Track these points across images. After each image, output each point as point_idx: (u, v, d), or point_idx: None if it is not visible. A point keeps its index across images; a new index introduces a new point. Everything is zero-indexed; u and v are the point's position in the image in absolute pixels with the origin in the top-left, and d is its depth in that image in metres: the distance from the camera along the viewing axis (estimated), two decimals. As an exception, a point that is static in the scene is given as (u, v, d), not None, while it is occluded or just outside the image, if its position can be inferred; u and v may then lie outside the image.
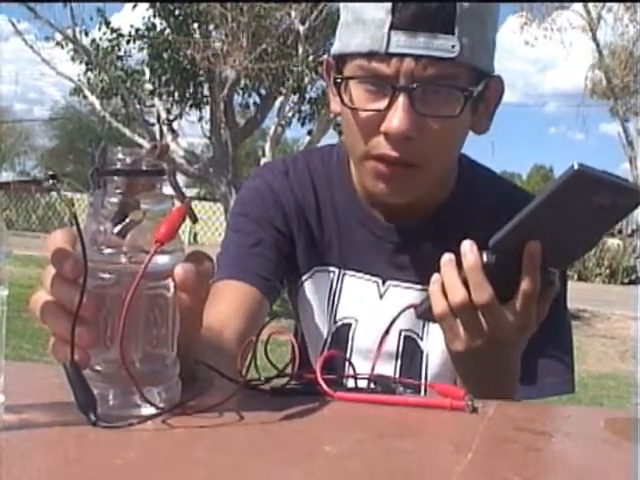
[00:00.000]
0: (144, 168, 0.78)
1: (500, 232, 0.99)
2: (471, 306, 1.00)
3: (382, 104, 1.13)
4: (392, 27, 1.09)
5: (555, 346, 1.30)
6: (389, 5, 1.09)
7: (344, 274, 1.32)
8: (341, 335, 1.33)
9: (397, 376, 1.28)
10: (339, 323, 1.32)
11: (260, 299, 1.23)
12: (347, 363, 1.12)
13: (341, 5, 1.20)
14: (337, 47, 1.20)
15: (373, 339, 1.25)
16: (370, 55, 1.12)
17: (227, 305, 1.18)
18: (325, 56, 1.28)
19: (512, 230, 0.98)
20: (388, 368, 1.29)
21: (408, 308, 1.19)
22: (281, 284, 1.33)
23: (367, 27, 1.11)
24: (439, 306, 1.02)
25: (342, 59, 1.18)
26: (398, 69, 1.10)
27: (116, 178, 0.77)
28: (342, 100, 1.16)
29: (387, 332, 1.22)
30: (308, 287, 1.34)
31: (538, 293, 1.00)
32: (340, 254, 1.32)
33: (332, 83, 1.22)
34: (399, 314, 1.22)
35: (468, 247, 1.00)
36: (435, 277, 1.03)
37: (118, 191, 0.77)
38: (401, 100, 1.11)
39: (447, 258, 1.02)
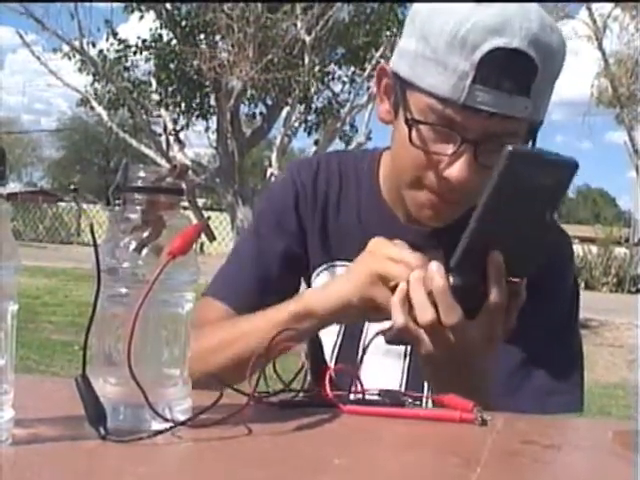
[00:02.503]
0: (164, 187, 0.80)
1: (457, 250, 0.99)
2: (440, 326, 1.01)
3: (448, 149, 1.15)
4: (475, 81, 1.10)
5: (564, 363, 1.29)
6: (476, 60, 1.09)
7: None
8: (354, 329, 1.35)
9: (405, 375, 1.31)
10: None
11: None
12: (360, 372, 1.12)
13: (415, 28, 1.18)
14: (405, 71, 1.18)
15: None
16: (446, 101, 1.12)
17: (203, 323, 1.21)
18: (385, 62, 1.28)
19: (468, 245, 0.98)
20: (397, 367, 1.31)
21: (377, 335, 1.21)
22: (293, 291, 1.36)
23: (448, 73, 1.11)
24: (399, 318, 1.03)
25: (409, 85, 1.18)
26: (470, 121, 1.12)
27: (136, 195, 0.79)
28: (410, 138, 1.17)
29: (364, 352, 1.23)
30: (322, 280, 1.36)
31: (505, 306, 1.00)
32: (359, 250, 1.34)
33: (386, 90, 1.25)
34: (369, 342, 1.23)
35: (435, 270, 1.01)
36: (400, 288, 1.04)
37: (138, 208, 0.78)
38: (467, 152, 1.14)
39: (415, 276, 1.03)
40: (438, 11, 1.14)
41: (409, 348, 1.31)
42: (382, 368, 1.27)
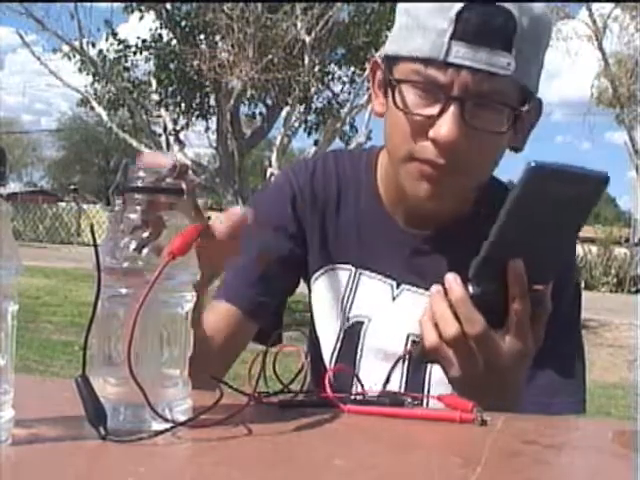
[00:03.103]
0: (164, 187, 0.80)
1: (477, 259, 0.98)
2: (464, 338, 1.00)
3: (433, 110, 1.14)
4: (453, 37, 1.10)
5: (568, 364, 1.29)
6: (452, 15, 1.10)
7: (360, 273, 1.34)
8: (352, 333, 1.34)
9: (403, 379, 1.30)
10: (351, 321, 1.34)
11: (242, 320, 1.29)
12: (359, 373, 1.12)
13: (399, 8, 1.21)
14: (391, 49, 1.20)
15: (383, 339, 1.30)
16: (427, 61, 1.13)
17: (210, 325, 1.21)
18: (376, 57, 1.29)
19: (488, 253, 0.97)
20: (396, 370, 1.30)
21: (404, 355, 1.24)
22: (291, 291, 1.38)
23: (427, 33, 1.12)
24: (430, 337, 1.03)
25: (394, 60, 1.19)
26: (453, 79, 1.12)
27: (136, 195, 0.79)
28: (394, 101, 1.17)
29: (387, 381, 1.23)
30: (322, 283, 1.36)
31: (530, 313, 1.00)
32: (358, 254, 1.34)
33: (380, 83, 1.25)
34: (396, 361, 1.25)
35: (452, 280, 1.01)
36: (425, 307, 1.04)
37: (138, 208, 0.78)
38: (452, 110, 1.12)
39: (435, 290, 1.03)
40: None
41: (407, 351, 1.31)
42: (381, 371, 1.27)
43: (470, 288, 0.99)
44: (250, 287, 1.31)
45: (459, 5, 1.10)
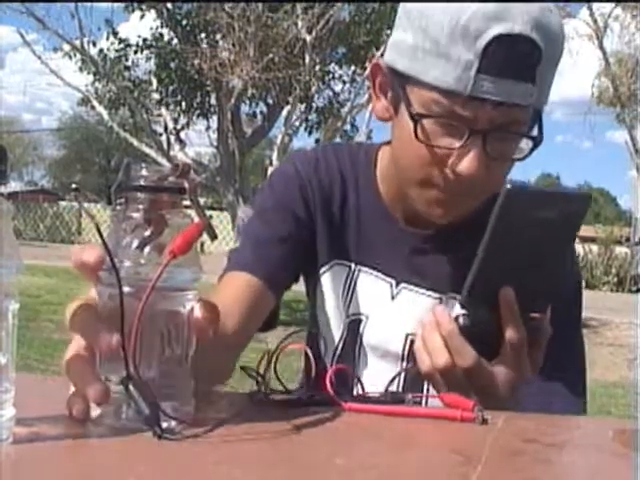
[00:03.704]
0: (166, 186, 0.80)
1: (465, 285, 0.97)
2: (455, 369, 1.01)
3: (455, 142, 1.12)
4: (480, 71, 1.07)
5: (569, 364, 1.29)
6: (480, 48, 1.07)
7: (359, 270, 1.34)
8: (352, 329, 1.34)
9: (402, 377, 1.29)
10: (351, 318, 1.34)
11: (263, 290, 1.25)
12: (360, 372, 1.13)
13: (412, 21, 1.15)
14: (403, 65, 1.15)
15: (381, 337, 1.30)
16: (450, 93, 1.10)
17: (229, 295, 1.20)
18: (378, 58, 1.25)
19: (474, 282, 0.97)
20: (395, 370, 1.30)
21: (401, 372, 1.24)
22: (295, 278, 1.35)
23: (451, 65, 1.09)
24: (424, 364, 1.04)
25: (408, 80, 1.15)
26: (477, 112, 1.10)
27: (139, 194, 0.79)
28: (415, 133, 1.13)
29: (390, 383, 1.24)
30: (327, 279, 1.35)
31: (525, 341, 1.00)
32: (357, 251, 1.34)
33: (381, 87, 1.23)
34: (396, 375, 1.24)
35: (441, 313, 1.01)
36: (418, 335, 1.05)
37: (140, 207, 0.78)
38: (476, 143, 1.11)
39: (427, 319, 1.03)
40: (433, 3, 1.12)
41: (406, 352, 1.31)
42: (380, 371, 1.27)
43: (460, 320, 0.99)
44: (270, 260, 1.27)
45: (486, 38, 1.06)
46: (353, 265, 1.34)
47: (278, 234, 1.30)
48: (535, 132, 1.17)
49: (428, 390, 1.28)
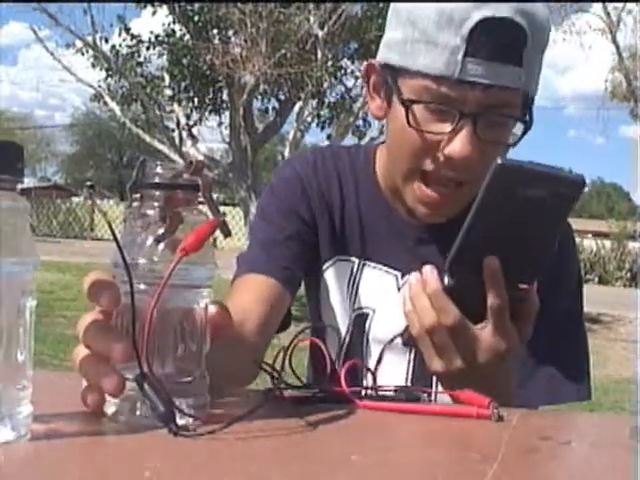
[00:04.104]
0: (181, 183, 0.80)
1: (451, 251, 0.98)
2: (440, 328, 1.00)
3: (446, 127, 1.15)
4: (467, 54, 1.10)
5: (573, 352, 1.30)
6: (465, 32, 1.10)
7: (364, 265, 1.35)
8: (358, 324, 1.36)
9: (410, 368, 1.32)
10: (357, 312, 1.35)
11: (280, 290, 1.26)
12: (367, 371, 1.13)
13: (400, 16, 1.20)
14: (394, 59, 1.19)
15: (389, 330, 1.30)
16: (440, 79, 1.13)
17: (247, 297, 1.22)
18: (370, 60, 1.29)
19: (461, 247, 0.97)
20: (402, 359, 1.32)
21: (393, 339, 1.24)
22: (305, 276, 1.37)
23: (439, 51, 1.12)
24: (415, 327, 1.03)
25: (399, 72, 1.18)
26: (466, 96, 1.12)
27: (154, 191, 0.79)
28: (407, 120, 1.16)
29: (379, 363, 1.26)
30: (329, 275, 1.37)
31: (508, 309, 1.00)
32: (361, 246, 1.35)
33: (375, 86, 1.26)
34: (388, 343, 1.25)
35: (429, 272, 1.02)
36: (406, 296, 1.05)
37: (156, 204, 0.78)
38: (466, 126, 1.13)
39: (414, 280, 1.04)
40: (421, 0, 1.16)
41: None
42: (388, 364, 1.27)
43: (445, 279, 0.99)
44: (282, 260, 1.29)
45: (471, 22, 1.10)
46: (357, 260, 1.35)
47: (285, 234, 1.32)
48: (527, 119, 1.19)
49: (437, 385, 1.29)
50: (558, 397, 1.27)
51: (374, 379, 1.06)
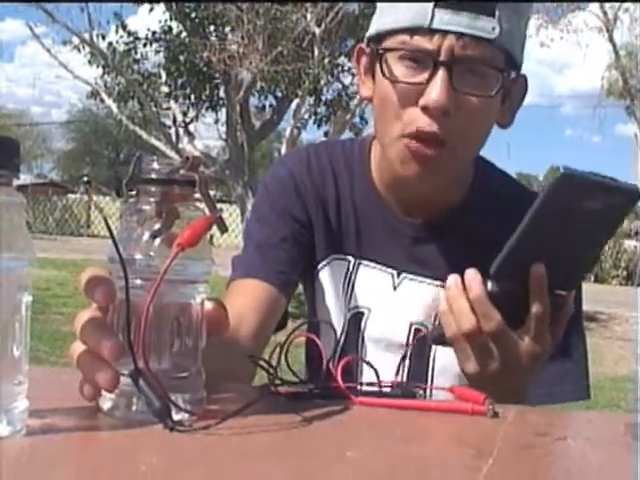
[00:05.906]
0: (178, 179, 0.80)
1: (499, 257, 0.98)
2: (480, 333, 1.01)
3: (422, 78, 1.15)
4: (436, 4, 1.12)
5: (570, 352, 1.30)
6: None
7: (359, 263, 1.35)
8: (354, 323, 1.35)
9: (406, 367, 1.32)
10: (352, 311, 1.35)
11: (275, 295, 1.26)
12: (364, 364, 1.13)
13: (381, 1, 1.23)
14: (374, 28, 1.22)
15: (384, 329, 1.31)
16: (413, 31, 1.14)
17: (243, 302, 1.21)
18: (360, 44, 1.30)
19: (510, 252, 0.97)
20: (397, 359, 1.32)
21: (422, 336, 1.25)
22: (300, 276, 1.36)
23: (410, 4, 1.14)
24: (451, 329, 1.03)
25: (379, 38, 1.20)
26: (440, 45, 1.13)
27: (150, 187, 0.79)
28: (382, 71, 1.18)
29: (397, 373, 1.26)
30: (325, 274, 1.36)
31: (548, 315, 1.00)
32: (357, 244, 1.35)
33: (366, 69, 1.27)
34: (404, 356, 1.28)
35: (472, 276, 1.01)
36: (443, 297, 1.04)
37: (152, 199, 0.78)
38: (441, 75, 1.13)
39: (452, 282, 1.03)
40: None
41: (410, 340, 1.31)
42: (383, 362, 1.27)
43: (489, 285, 0.99)
44: (277, 263, 1.29)
45: None
46: (353, 259, 1.34)
47: (280, 235, 1.32)
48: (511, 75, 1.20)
49: (432, 381, 1.29)
50: (558, 397, 1.27)
51: (377, 375, 1.06)
